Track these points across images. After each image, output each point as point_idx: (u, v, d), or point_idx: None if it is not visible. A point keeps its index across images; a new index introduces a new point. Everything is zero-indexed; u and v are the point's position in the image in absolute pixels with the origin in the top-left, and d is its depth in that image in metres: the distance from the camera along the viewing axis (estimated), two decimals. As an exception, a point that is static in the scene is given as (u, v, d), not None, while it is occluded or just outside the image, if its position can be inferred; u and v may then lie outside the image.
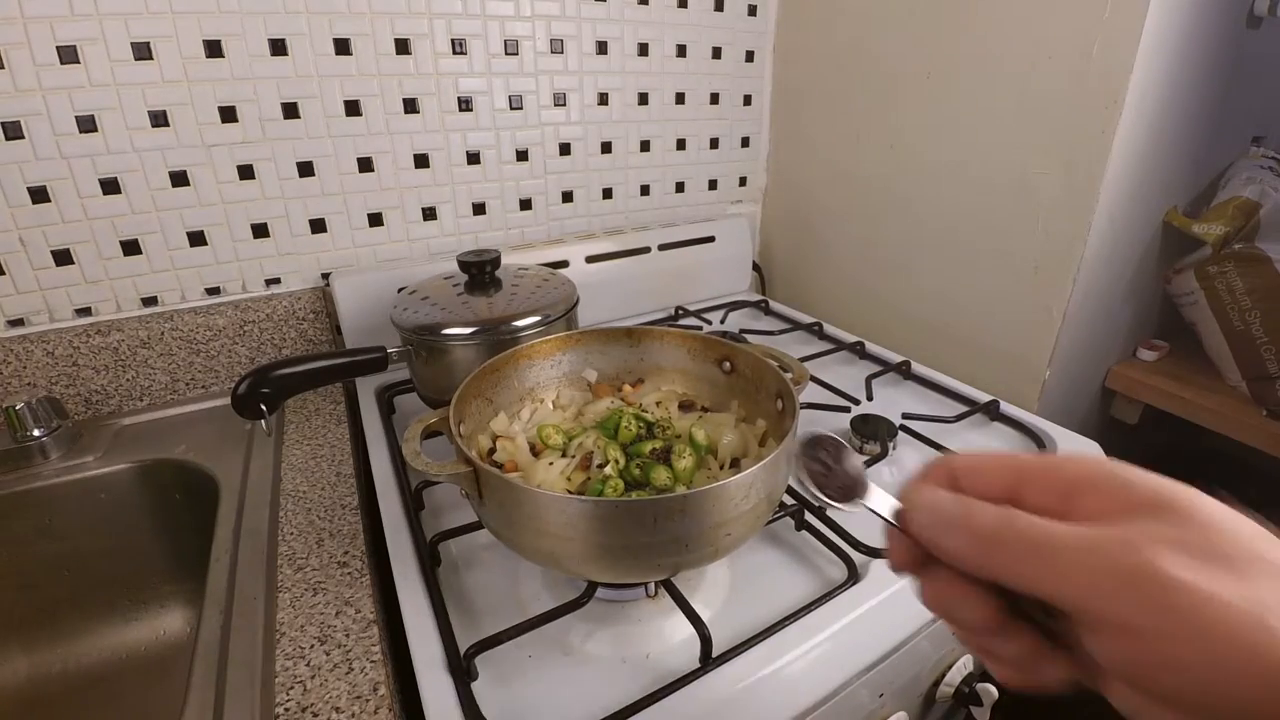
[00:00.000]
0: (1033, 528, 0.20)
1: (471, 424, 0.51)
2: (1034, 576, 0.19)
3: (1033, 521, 0.20)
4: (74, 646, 0.65)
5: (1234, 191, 0.81)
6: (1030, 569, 0.19)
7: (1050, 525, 0.20)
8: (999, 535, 0.20)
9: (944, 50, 0.80)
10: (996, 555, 0.20)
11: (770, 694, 0.41)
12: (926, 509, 0.23)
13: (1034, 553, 0.19)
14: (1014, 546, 0.20)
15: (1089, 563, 0.18)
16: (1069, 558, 0.19)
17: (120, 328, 0.71)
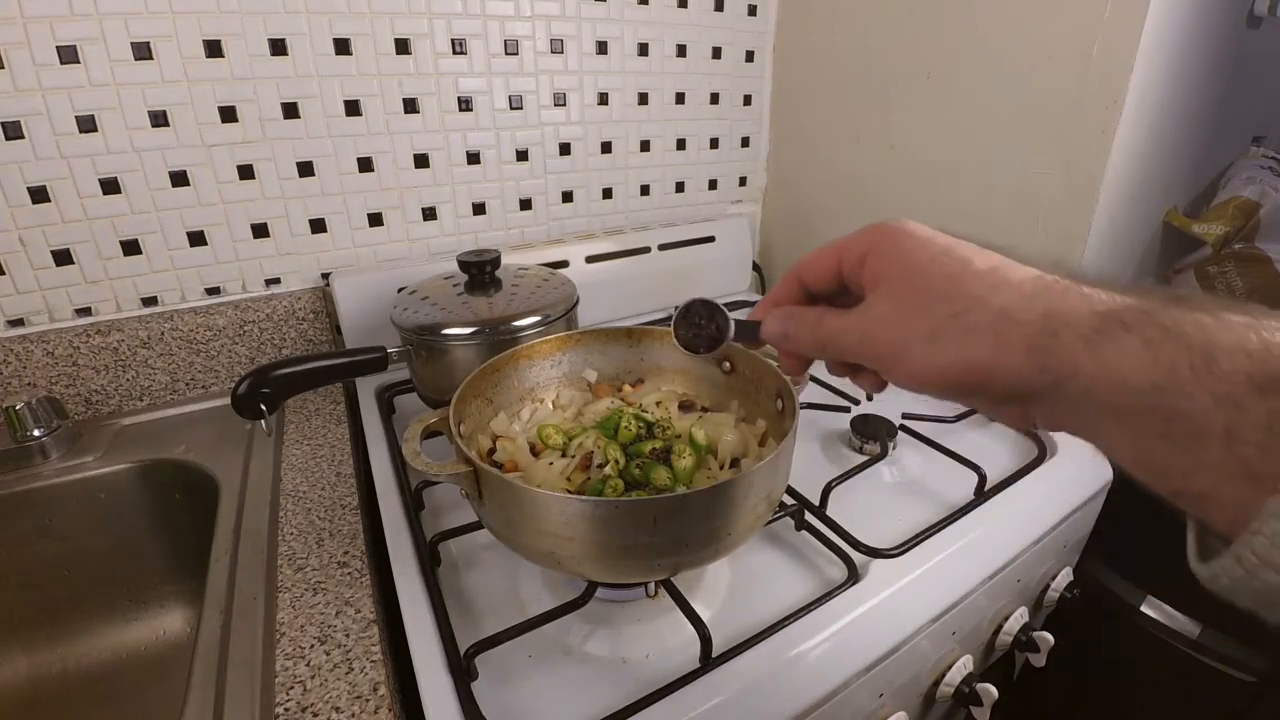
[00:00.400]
0: (828, 328, 0.30)
1: (471, 424, 0.51)
2: (836, 353, 0.30)
3: (828, 324, 0.30)
4: (74, 646, 0.65)
5: (1234, 191, 0.81)
6: (834, 351, 0.30)
7: (837, 322, 0.29)
8: (814, 339, 0.31)
9: (944, 50, 0.81)
10: (818, 350, 0.31)
11: (770, 694, 0.41)
12: (768, 335, 0.33)
13: (833, 343, 0.30)
14: (825, 344, 0.30)
15: (850, 337, 0.29)
16: (848, 341, 0.29)
17: (120, 328, 0.71)
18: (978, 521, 0.56)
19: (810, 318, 0.30)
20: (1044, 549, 0.59)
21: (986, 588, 0.53)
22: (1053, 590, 0.65)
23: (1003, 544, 0.55)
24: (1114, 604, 0.77)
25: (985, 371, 0.24)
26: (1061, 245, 0.74)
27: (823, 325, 0.30)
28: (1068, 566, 0.67)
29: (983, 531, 0.55)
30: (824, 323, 0.30)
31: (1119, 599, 0.77)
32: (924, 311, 0.26)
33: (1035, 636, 0.59)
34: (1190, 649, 0.71)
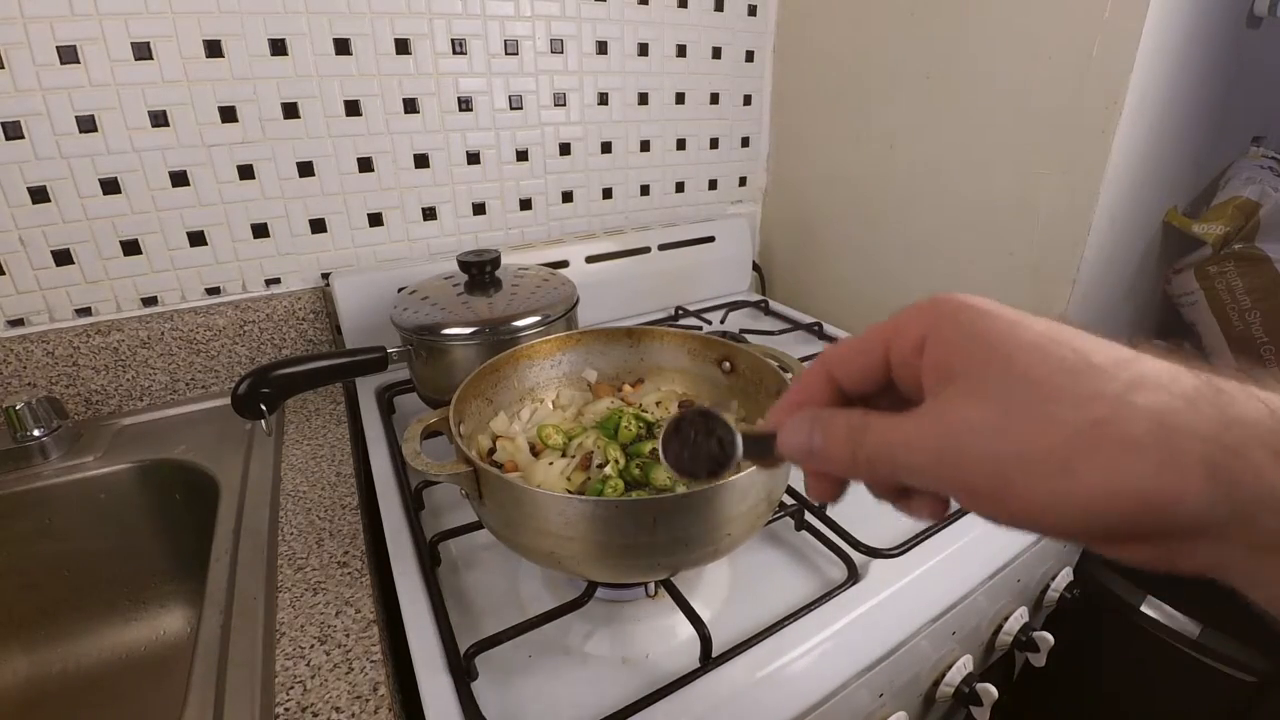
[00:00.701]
0: (881, 439, 0.22)
1: (471, 424, 0.51)
2: (893, 474, 0.22)
3: (881, 434, 0.22)
4: (74, 646, 0.65)
5: (1234, 191, 0.81)
6: (891, 472, 0.22)
7: (894, 431, 0.22)
8: (855, 455, 0.23)
9: (944, 51, 0.80)
10: (863, 470, 0.23)
11: (770, 694, 0.41)
12: (788, 449, 0.25)
13: (889, 460, 0.22)
14: (875, 462, 0.22)
15: (916, 455, 0.21)
16: (918, 459, 0.21)
17: (120, 328, 0.71)
18: (978, 521, 0.55)
19: (847, 425, 0.23)
20: (1044, 549, 0.59)
21: (986, 588, 0.53)
22: (1053, 590, 0.65)
23: (1003, 544, 0.55)
24: (1114, 604, 0.77)
25: (1159, 504, 0.17)
26: (1061, 245, 0.74)
27: (870, 435, 0.22)
28: (1068, 566, 0.67)
29: (983, 531, 0.55)
30: (872, 431, 0.22)
31: (1119, 599, 0.77)
32: (1044, 419, 0.18)
33: (1035, 636, 0.59)
34: (1190, 649, 0.72)
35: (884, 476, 0.23)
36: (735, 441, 0.27)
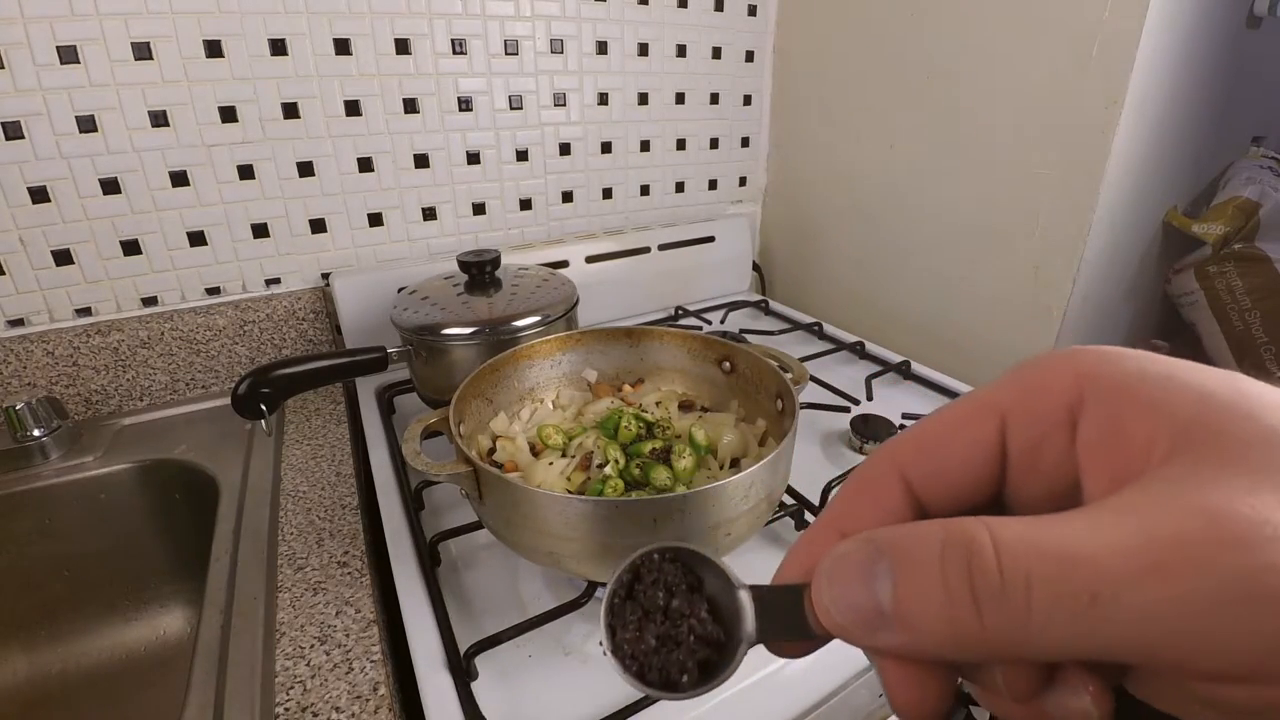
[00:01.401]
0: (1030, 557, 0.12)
1: (471, 424, 0.51)
2: (1057, 641, 0.12)
3: (1023, 545, 0.12)
4: (74, 646, 0.65)
5: (1234, 191, 0.81)
6: (1047, 633, 0.12)
7: (1058, 539, 0.12)
8: (980, 618, 0.12)
9: (944, 51, 0.80)
10: (991, 644, 0.13)
11: (770, 694, 0.41)
12: (833, 608, 0.15)
13: (1053, 604, 0.12)
14: (1029, 626, 0.12)
15: (1161, 596, 0.11)
16: (1123, 598, 0.11)
17: (120, 328, 0.71)
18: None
19: (947, 542, 0.13)
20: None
21: (986, 588, 0.52)
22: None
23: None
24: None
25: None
26: (1061, 245, 0.74)
27: (1016, 560, 0.12)
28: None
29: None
30: (1016, 552, 0.13)
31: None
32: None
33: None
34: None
35: (1056, 649, 0.12)
36: (742, 610, 0.16)
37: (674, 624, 0.17)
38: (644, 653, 0.17)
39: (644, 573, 0.18)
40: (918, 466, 0.16)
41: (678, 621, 0.17)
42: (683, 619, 0.17)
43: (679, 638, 0.17)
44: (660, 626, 0.17)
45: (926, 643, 0.13)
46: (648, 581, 0.18)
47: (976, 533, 0.13)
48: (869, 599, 0.14)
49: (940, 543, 0.13)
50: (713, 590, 0.17)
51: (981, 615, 0.12)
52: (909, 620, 0.14)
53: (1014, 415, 0.15)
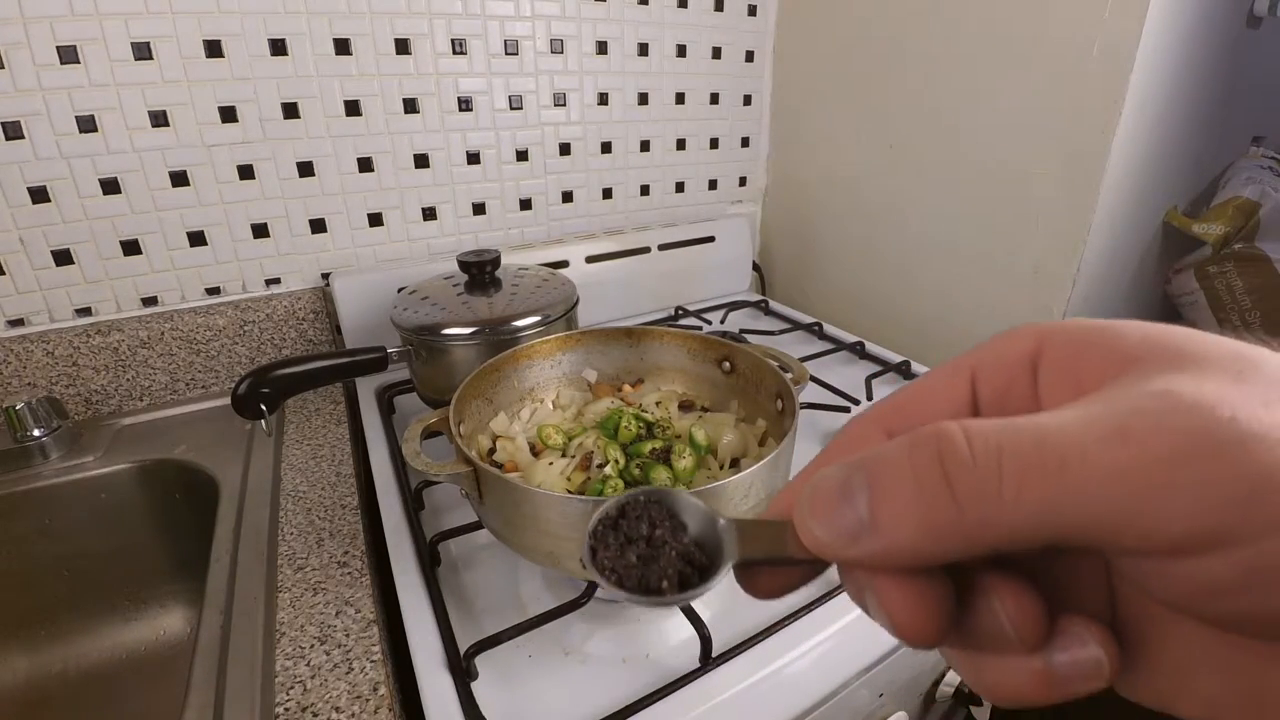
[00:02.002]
0: (1001, 435, 0.13)
1: (471, 424, 0.51)
2: (1030, 514, 0.12)
3: (994, 428, 0.13)
4: (74, 646, 0.65)
5: (1234, 191, 0.81)
6: (1020, 505, 0.12)
7: (1028, 422, 0.13)
8: (958, 504, 0.13)
9: (944, 51, 0.80)
10: (955, 522, 0.13)
11: (770, 694, 0.41)
12: (817, 526, 0.15)
13: (1023, 473, 0.12)
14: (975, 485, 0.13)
15: (1123, 456, 0.12)
16: (1090, 458, 0.12)
17: (120, 328, 0.71)
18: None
19: (916, 451, 0.14)
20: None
21: (986, 588, 0.52)
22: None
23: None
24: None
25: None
26: (1061, 245, 0.74)
27: (985, 442, 0.13)
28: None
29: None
30: (986, 437, 0.13)
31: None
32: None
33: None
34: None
35: (1030, 524, 0.12)
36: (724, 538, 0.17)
37: (655, 549, 0.17)
38: (625, 566, 0.17)
39: (629, 510, 0.18)
40: (897, 420, 0.17)
41: (660, 546, 0.17)
42: (665, 545, 0.17)
43: (659, 556, 0.17)
44: (643, 550, 0.17)
45: (904, 540, 0.14)
46: (632, 517, 0.18)
47: (945, 427, 0.14)
48: (849, 512, 0.14)
49: (909, 442, 0.14)
50: (697, 531, 0.18)
51: (955, 494, 0.13)
52: (886, 521, 0.14)
53: (982, 369, 0.17)
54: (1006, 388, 0.16)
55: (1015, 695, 0.15)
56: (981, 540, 0.13)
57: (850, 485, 0.15)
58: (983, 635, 0.15)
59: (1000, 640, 0.14)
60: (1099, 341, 0.15)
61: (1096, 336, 0.15)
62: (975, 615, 0.15)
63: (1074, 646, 0.14)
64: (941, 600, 0.14)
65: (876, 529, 0.14)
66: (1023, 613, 0.14)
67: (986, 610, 0.14)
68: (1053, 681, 0.14)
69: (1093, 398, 0.13)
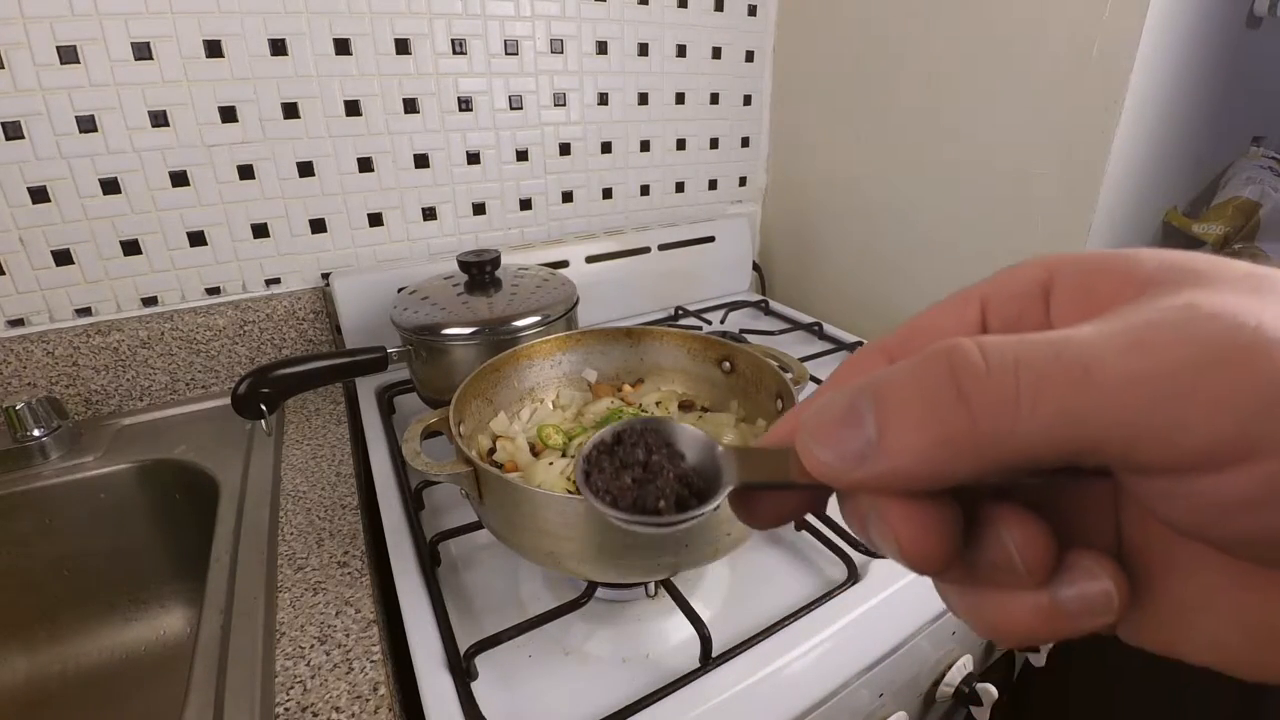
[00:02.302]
0: (1018, 347, 0.12)
1: (471, 424, 0.51)
2: (1047, 425, 0.12)
3: (1010, 340, 0.13)
4: (74, 646, 0.65)
5: (1234, 191, 0.81)
6: (1036, 416, 0.12)
7: (1044, 336, 0.12)
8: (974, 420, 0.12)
9: (944, 51, 0.80)
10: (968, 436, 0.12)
11: (770, 694, 0.41)
12: (819, 447, 0.14)
13: (1040, 382, 0.12)
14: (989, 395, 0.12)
15: (1145, 364, 0.11)
16: (1110, 367, 0.11)
17: (120, 328, 0.71)
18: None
19: (931, 367, 0.13)
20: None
21: (986, 588, 0.52)
22: (1053, 590, 0.64)
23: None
24: (1114, 604, 0.77)
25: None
26: (1062, 245, 0.74)
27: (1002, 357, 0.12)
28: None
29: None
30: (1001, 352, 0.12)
31: (1119, 599, 0.77)
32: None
33: (1035, 636, 0.59)
34: (1190, 649, 0.71)
35: (1046, 436, 0.12)
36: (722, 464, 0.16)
37: (652, 473, 0.17)
38: (619, 488, 0.16)
39: (625, 438, 0.18)
40: (905, 347, 0.17)
41: (657, 471, 0.17)
42: (662, 469, 0.17)
43: (656, 479, 0.17)
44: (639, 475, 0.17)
45: (914, 458, 0.13)
46: (628, 444, 0.17)
47: (958, 340, 0.13)
48: (854, 435, 0.14)
49: (919, 359, 0.13)
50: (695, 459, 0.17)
51: (969, 407, 0.12)
52: (894, 439, 0.13)
53: (992, 298, 0.16)
54: (1018, 317, 0.15)
55: (1018, 632, 0.14)
56: (995, 456, 0.12)
57: (856, 406, 0.14)
58: (987, 568, 0.14)
59: (1006, 573, 0.14)
60: (1114, 267, 0.14)
61: (1111, 263, 0.14)
62: (980, 548, 0.14)
63: (1082, 580, 0.14)
64: (950, 524, 0.14)
65: (885, 448, 0.13)
66: (1031, 544, 0.14)
67: (994, 542, 0.14)
68: (1059, 617, 0.14)
69: (1110, 315, 0.13)
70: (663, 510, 0.16)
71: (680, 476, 0.17)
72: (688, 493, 0.16)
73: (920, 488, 0.14)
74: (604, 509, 0.16)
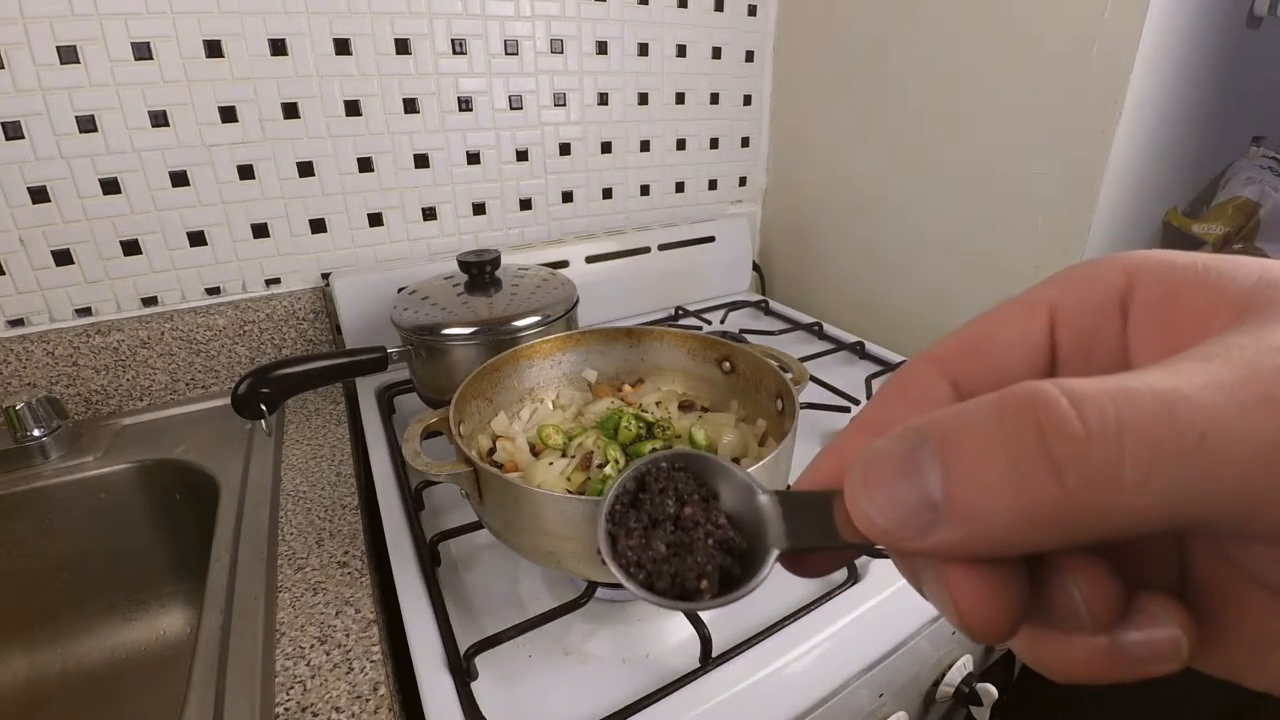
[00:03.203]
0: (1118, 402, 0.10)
1: (471, 424, 0.51)
2: (1157, 499, 0.10)
3: (1105, 392, 0.10)
4: (74, 646, 0.65)
5: (1234, 191, 0.81)
6: (1145, 490, 0.10)
7: (1145, 386, 0.10)
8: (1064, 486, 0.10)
9: (944, 51, 0.80)
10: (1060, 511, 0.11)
11: (770, 694, 0.41)
12: (871, 508, 0.13)
13: (1154, 451, 0.10)
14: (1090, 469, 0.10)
15: (1272, 429, 0.10)
16: (1233, 433, 0.10)
17: (120, 328, 0.71)
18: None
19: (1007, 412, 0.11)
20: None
21: (986, 588, 0.52)
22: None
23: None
24: (1114, 604, 0.77)
25: None
26: (1061, 245, 0.74)
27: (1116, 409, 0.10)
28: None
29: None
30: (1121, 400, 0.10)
31: (1119, 599, 0.77)
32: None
33: (1035, 636, 0.59)
34: (1190, 649, 0.71)
35: (1154, 510, 0.10)
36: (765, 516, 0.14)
37: (687, 533, 0.14)
38: (652, 559, 0.14)
39: (650, 482, 0.15)
40: (963, 364, 0.15)
41: (691, 529, 0.14)
42: (697, 527, 0.14)
43: (693, 544, 0.14)
44: (670, 535, 0.14)
45: (992, 530, 0.11)
46: (655, 490, 0.15)
47: (1042, 390, 0.11)
48: (914, 493, 0.12)
49: (996, 408, 0.11)
50: (731, 503, 0.15)
51: (1063, 479, 0.10)
52: (967, 506, 0.11)
53: (1064, 309, 0.14)
54: (1093, 335, 0.14)
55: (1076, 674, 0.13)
56: (1089, 531, 0.11)
57: (916, 457, 0.12)
58: (1049, 614, 0.13)
59: (1071, 621, 0.13)
60: (1203, 282, 0.12)
61: (1200, 276, 0.13)
62: (1044, 593, 0.13)
63: (1150, 626, 0.12)
64: (1018, 591, 0.12)
65: (953, 514, 0.11)
66: (1100, 595, 0.12)
67: (1057, 589, 0.13)
68: (1122, 662, 0.12)
69: (1209, 352, 0.11)
70: (704, 592, 0.14)
71: (722, 543, 0.14)
72: (730, 559, 0.14)
73: (990, 557, 0.12)
74: (637, 590, 0.14)
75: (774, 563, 0.14)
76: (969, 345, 0.15)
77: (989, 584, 0.12)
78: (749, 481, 0.15)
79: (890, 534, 0.12)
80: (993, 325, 0.15)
